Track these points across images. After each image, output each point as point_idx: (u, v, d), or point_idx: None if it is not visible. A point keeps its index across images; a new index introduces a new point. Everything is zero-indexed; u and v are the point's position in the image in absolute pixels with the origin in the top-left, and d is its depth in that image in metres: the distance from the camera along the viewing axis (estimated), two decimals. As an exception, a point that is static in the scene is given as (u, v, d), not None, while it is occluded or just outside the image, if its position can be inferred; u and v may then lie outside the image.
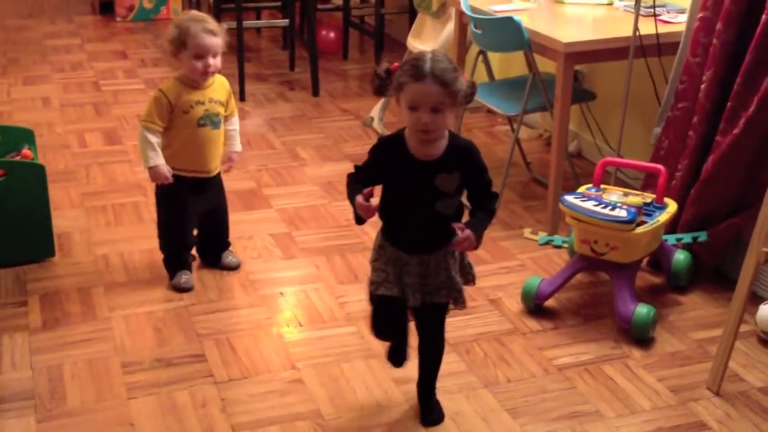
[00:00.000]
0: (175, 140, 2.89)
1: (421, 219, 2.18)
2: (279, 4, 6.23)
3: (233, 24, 5.14)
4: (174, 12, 6.92)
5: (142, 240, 3.39)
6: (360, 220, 2.20)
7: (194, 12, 2.90)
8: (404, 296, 2.24)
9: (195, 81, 2.86)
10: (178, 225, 3.04)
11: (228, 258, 3.19)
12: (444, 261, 2.21)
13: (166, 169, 2.87)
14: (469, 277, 2.32)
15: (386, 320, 2.37)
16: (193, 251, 3.17)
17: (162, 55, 5.91)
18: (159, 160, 2.86)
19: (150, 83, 5.30)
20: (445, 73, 2.02)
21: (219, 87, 2.94)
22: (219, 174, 3.06)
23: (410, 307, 2.28)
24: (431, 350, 2.38)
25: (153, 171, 2.87)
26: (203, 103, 2.88)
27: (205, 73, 2.83)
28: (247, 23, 5.25)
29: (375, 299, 2.32)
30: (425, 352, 2.39)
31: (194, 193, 2.98)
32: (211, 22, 2.82)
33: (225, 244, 3.21)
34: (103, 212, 3.62)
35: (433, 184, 2.13)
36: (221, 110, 2.94)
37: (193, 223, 3.07)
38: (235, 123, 3.04)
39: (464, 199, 2.23)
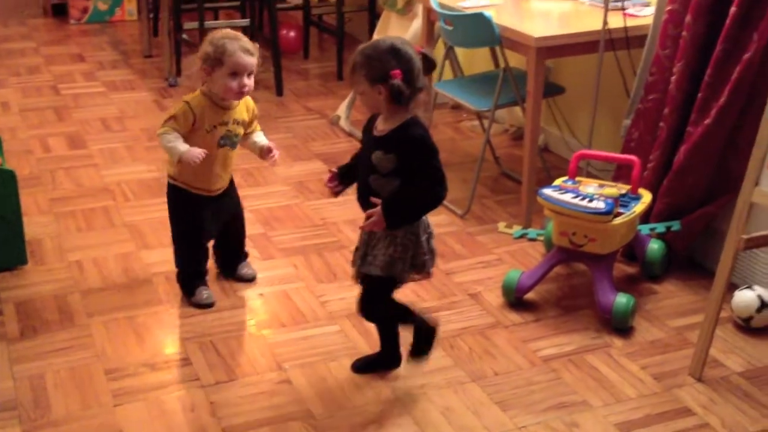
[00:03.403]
0: None
1: (364, 190, 2.33)
2: (237, 3, 6.18)
3: (195, 24, 5.11)
4: (129, 14, 6.83)
5: (115, 245, 3.35)
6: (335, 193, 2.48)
7: (227, 30, 2.80)
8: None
9: (225, 100, 2.79)
10: (191, 238, 2.95)
11: (244, 269, 3.12)
12: (384, 239, 2.31)
13: (194, 149, 2.72)
14: (422, 272, 2.40)
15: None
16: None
17: (121, 58, 5.85)
18: (184, 146, 2.72)
19: (110, 86, 5.23)
20: (356, 57, 2.24)
21: (243, 107, 2.87)
22: (232, 184, 3.01)
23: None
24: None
25: (185, 156, 2.70)
26: (227, 124, 2.82)
27: (240, 93, 2.75)
28: (208, 23, 5.21)
29: None
30: None
31: (206, 208, 2.91)
32: (247, 41, 2.75)
33: (243, 255, 3.15)
34: (72, 218, 3.56)
35: (371, 158, 2.27)
36: (241, 131, 2.88)
37: (209, 235, 3.00)
38: (259, 135, 2.96)
39: None
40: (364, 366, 2.57)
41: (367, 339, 2.74)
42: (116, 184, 3.88)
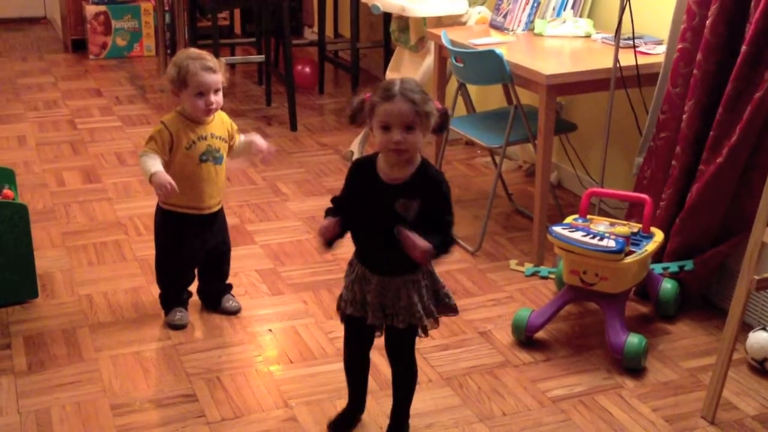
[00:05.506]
0: (176, 176, 2.80)
1: (382, 241, 2.19)
2: (253, 39, 6.24)
3: (210, 60, 5.15)
4: (147, 49, 6.91)
5: (126, 279, 3.35)
6: (327, 243, 2.27)
7: (191, 50, 2.87)
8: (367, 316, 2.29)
9: (197, 117, 2.84)
10: (175, 262, 3.00)
11: (228, 302, 3.13)
12: (405, 288, 2.23)
13: (166, 176, 2.74)
14: (449, 308, 2.33)
15: (355, 339, 2.40)
16: (191, 288, 3.12)
17: (138, 92, 5.90)
18: (157, 167, 2.75)
19: (126, 120, 5.27)
20: (413, 93, 2.09)
21: (219, 123, 2.91)
22: (221, 211, 3.03)
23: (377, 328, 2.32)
24: (398, 376, 2.40)
25: (155, 178, 2.72)
26: (205, 139, 2.86)
27: (208, 111, 2.80)
28: (225, 59, 5.24)
29: (344, 318, 2.37)
30: (394, 378, 2.41)
31: (194, 231, 2.94)
32: (209, 59, 2.80)
33: (226, 287, 3.16)
34: (84, 251, 3.57)
35: (394, 208, 2.16)
36: (223, 146, 2.91)
37: (194, 261, 3.04)
38: (242, 137, 3.01)
39: None
40: None
41: (374, 377, 2.72)
42: (129, 218, 3.89)
